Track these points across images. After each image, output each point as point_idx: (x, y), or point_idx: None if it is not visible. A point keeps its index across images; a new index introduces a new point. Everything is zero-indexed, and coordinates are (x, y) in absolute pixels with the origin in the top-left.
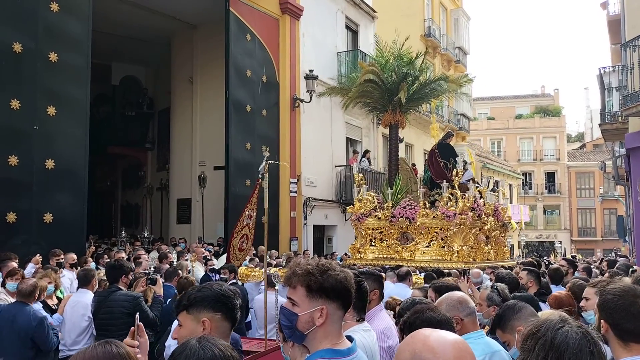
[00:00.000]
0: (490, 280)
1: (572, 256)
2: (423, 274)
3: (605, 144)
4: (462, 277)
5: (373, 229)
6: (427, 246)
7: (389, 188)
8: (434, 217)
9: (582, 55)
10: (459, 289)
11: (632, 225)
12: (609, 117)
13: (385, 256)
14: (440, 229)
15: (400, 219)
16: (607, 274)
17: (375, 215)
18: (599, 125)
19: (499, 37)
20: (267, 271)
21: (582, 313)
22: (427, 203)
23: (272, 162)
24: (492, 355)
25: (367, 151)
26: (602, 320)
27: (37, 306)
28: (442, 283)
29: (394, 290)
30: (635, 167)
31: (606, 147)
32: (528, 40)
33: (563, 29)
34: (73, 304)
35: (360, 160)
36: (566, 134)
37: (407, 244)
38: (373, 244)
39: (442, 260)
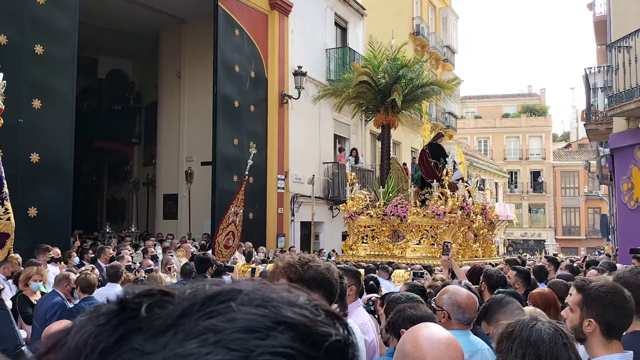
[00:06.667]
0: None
1: (554, 254)
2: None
3: (590, 143)
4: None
5: (365, 227)
6: (417, 243)
7: (381, 187)
8: (424, 215)
9: (569, 56)
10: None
11: (615, 224)
12: (594, 117)
13: (377, 253)
14: (431, 227)
15: (391, 217)
16: (589, 272)
17: (368, 213)
18: (584, 125)
19: (487, 37)
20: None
21: None
22: (417, 202)
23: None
24: (473, 354)
25: (353, 149)
26: (590, 319)
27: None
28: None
29: (388, 287)
30: (619, 167)
31: (591, 147)
32: (516, 40)
33: (550, 30)
34: (100, 297)
35: (347, 158)
36: (552, 134)
37: (398, 242)
38: (365, 241)
39: (432, 257)
